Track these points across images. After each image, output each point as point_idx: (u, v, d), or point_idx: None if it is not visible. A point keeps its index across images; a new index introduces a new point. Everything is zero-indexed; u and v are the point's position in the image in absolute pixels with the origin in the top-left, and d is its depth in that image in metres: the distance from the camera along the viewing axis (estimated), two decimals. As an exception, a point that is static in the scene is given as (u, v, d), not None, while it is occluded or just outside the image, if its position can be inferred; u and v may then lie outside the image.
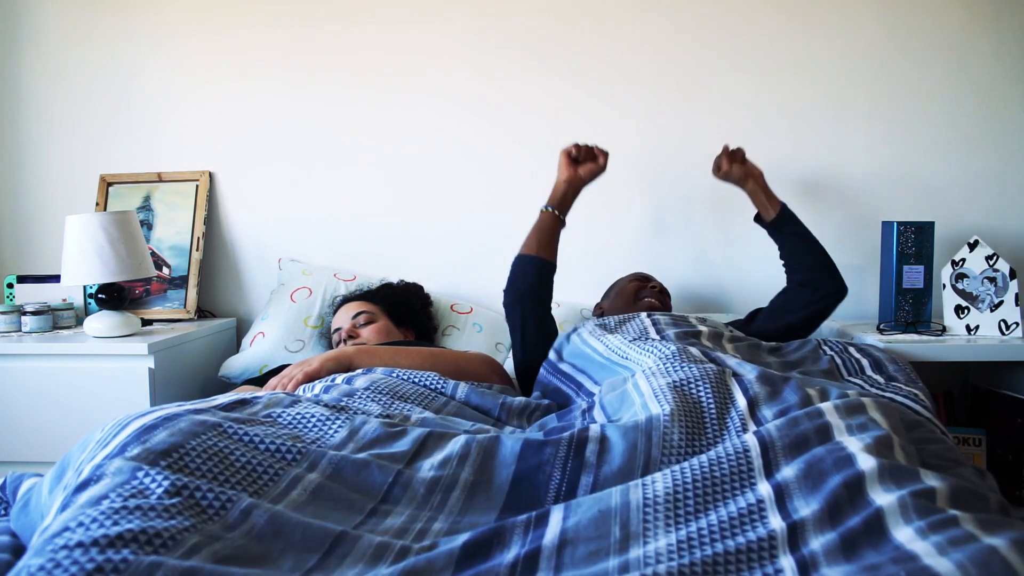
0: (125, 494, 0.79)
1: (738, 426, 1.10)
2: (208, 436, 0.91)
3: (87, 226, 1.88)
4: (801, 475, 0.89)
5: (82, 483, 0.83)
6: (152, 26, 2.32)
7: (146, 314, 2.20)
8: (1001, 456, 1.88)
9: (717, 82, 2.20)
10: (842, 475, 0.87)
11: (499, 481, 0.97)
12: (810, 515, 0.84)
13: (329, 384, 1.35)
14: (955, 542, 0.73)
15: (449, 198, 2.30)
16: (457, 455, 0.99)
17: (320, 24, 2.28)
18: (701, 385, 1.19)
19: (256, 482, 0.89)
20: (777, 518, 0.85)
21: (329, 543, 0.82)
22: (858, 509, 0.82)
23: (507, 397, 1.43)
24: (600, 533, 0.83)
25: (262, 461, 0.92)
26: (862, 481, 0.85)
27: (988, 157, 2.17)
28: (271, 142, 2.32)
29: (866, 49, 2.18)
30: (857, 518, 0.81)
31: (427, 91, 2.27)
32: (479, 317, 2.18)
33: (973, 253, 1.92)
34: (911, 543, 0.75)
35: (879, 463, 0.87)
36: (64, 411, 1.84)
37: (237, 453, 0.91)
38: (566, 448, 1.02)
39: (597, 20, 2.22)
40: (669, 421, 1.07)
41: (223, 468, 0.88)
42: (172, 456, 0.86)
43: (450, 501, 0.94)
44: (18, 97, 2.36)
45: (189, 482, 0.83)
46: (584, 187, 1.91)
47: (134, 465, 0.83)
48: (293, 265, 2.26)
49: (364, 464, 0.96)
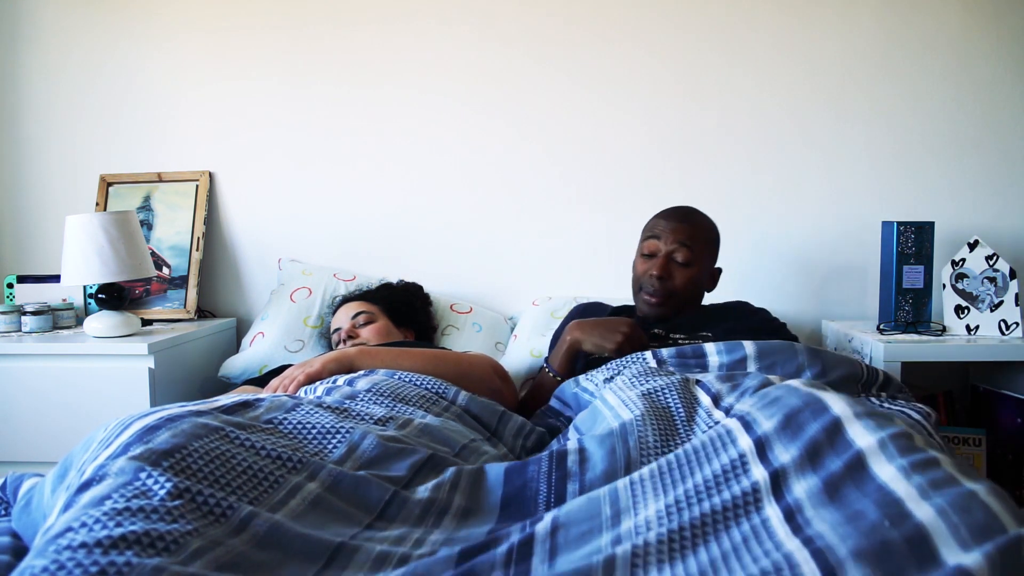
0: (128, 495, 0.79)
1: (707, 422, 1.12)
2: (210, 439, 0.91)
3: (87, 226, 1.88)
4: (779, 426, 0.90)
5: (85, 483, 0.83)
6: (152, 26, 2.32)
7: (146, 314, 2.20)
8: (1001, 456, 1.88)
9: (717, 82, 2.20)
10: (820, 422, 0.88)
11: (490, 503, 0.99)
12: (790, 461, 0.85)
13: (331, 386, 1.35)
14: (937, 485, 0.73)
15: (449, 198, 2.29)
16: (448, 482, 1.01)
17: (320, 24, 2.28)
18: (668, 392, 1.19)
19: (257, 487, 0.89)
20: (759, 468, 0.86)
21: (329, 553, 0.82)
22: (839, 451, 0.83)
23: (506, 412, 1.42)
24: (591, 515, 0.83)
25: (263, 467, 0.92)
26: (840, 424, 0.86)
27: (988, 157, 2.17)
28: (271, 142, 2.32)
29: (866, 49, 2.18)
30: (838, 460, 0.82)
31: (427, 90, 2.27)
32: (479, 317, 2.18)
33: (973, 253, 1.92)
34: (894, 483, 0.75)
35: (855, 409, 0.88)
36: (64, 411, 1.84)
37: (239, 457, 0.91)
38: (547, 463, 1.03)
39: (597, 20, 2.22)
40: (642, 423, 1.09)
41: (225, 471, 0.88)
42: (174, 457, 0.86)
43: (445, 520, 0.95)
44: (18, 97, 2.36)
45: (191, 485, 0.83)
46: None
47: (137, 465, 0.83)
48: (293, 265, 2.26)
49: (363, 480, 0.96)
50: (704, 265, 1.72)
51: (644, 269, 1.70)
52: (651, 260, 1.69)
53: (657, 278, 1.66)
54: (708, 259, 1.73)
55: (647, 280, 1.69)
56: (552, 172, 2.26)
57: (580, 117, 2.25)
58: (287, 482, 0.92)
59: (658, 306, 1.68)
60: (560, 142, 2.26)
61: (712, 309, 1.78)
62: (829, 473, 0.81)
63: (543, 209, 2.27)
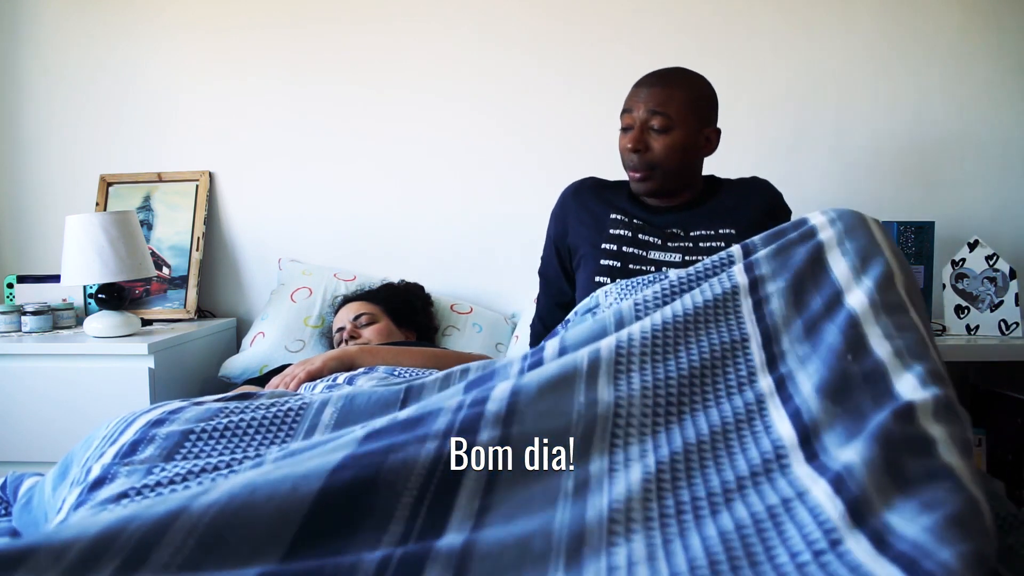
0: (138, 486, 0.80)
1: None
2: (217, 420, 0.92)
3: (87, 226, 1.88)
4: (771, 254, 0.95)
5: (96, 480, 0.84)
6: (152, 26, 2.32)
7: (146, 314, 2.20)
8: (1001, 456, 1.88)
9: (717, 82, 2.20)
10: (807, 247, 0.93)
11: None
12: (771, 276, 0.92)
13: (331, 384, 1.35)
14: (902, 328, 0.79)
15: (449, 198, 2.30)
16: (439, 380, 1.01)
17: (320, 24, 2.28)
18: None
19: (278, 434, 0.90)
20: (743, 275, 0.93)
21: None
22: (819, 285, 0.89)
23: None
24: (565, 372, 0.81)
25: (274, 419, 0.92)
26: (822, 250, 0.91)
27: (988, 157, 2.18)
28: (271, 142, 2.32)
29: (865, 48, 2.18)
30: (819, 298, 0.87)
31: (427, 90, 2.28)
32: (479, 317, 2.18)
33: (973, 253, 1.92)
34: (861, 309, 0.81)
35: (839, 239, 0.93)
36: (64, 411, 1.83)
37: (246, 420, 0.91)
38: (520, 358, 0.98)
39: (597, 20, 2.23)
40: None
41: (237, 440, 0.89)
42: (183, 448, 0.87)
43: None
44: (18, 97, 2.36)
45: (206, 464, 0.83)
46: None
47: (147, 468, 0.84)
48: (293, 265, 2.26)
49: (372, 391, 0.97)
50: (690, 127, 1.53)
51: (622, 145, 1.57)
52: (628, 134, 1.55)
53: (632, 151, 1.53)
54: (694, 120, 1.54)
55: (627, 156, 1.56)
56: (553, 172, 2.26)
57: (581, 118, 2.25)
58: (302, 424, 0.92)
59: (642, 181, 1.56)
60: (560, 142, 2.26)
61: (729, 190, 1.65)
62: (811, 312, 0.86)
63: (544, 209, 2.27)
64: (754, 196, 1.65)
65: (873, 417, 0.69)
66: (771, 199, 1.67)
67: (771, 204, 1.65)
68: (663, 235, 1.57)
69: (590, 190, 1.71)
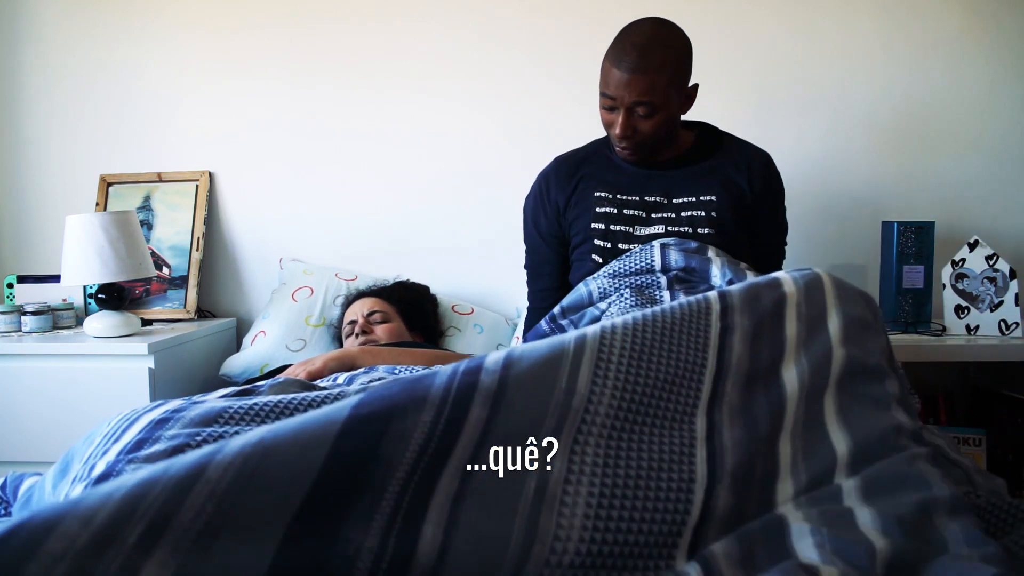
0: None
1: None
2: (218, 425, 0.92)
3: (87, 226, 1.88)
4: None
5: (101, 476, 0.84)
6: (152, 26, 2.32)
7: (146, 314, 2.20)
8: (1001, 456, 1.88)
9: (718, 83, 2.20)
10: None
11: None
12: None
13: (332, 383, 1.35)
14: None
15: (450, 198, 2.30)
16: None
17: (320, 24, 2.28)
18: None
19: (281, 415, 0.94)
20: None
21: None
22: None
23: None
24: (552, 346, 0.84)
25: (272, 409, 0.94)
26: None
27: (988, 157, 2.18)
28: (271, 142, 2.32)
29: (865, 48, 2.18)
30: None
31: (428, 91, 2.28)
32: (480, 318, 2.18)
33: (973, 253, 1.92)
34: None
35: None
36: (64, 411, 1.83)
37: (250, 415, 0.92)
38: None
39: (597, 21, 2.22)
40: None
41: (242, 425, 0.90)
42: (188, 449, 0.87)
43: None
44: (18, 97, 2.36)
45: None
46: None
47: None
48: (294, 265, 2.26)
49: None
50: (673, 103, 1.55)
51: (608, 123, 1.58)
52: (613, 114, 1.55)
53: (621, 137, 1.56)
54: (676, 94, 1.55)
55: (613, 137, 1.59)
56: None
57: (581, 118, 2.25)
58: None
59: (632, 154, 1.60)
60: (562, 144, 2.26)
61: (728, 152, 1.67)
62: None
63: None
64: (754, 166, 1.65)
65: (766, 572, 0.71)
66: (767, 175, 1.66)
67: (765, 182, 1.66)
68: (646, 206, 1.62)
69: (566, 170, 1.73)
